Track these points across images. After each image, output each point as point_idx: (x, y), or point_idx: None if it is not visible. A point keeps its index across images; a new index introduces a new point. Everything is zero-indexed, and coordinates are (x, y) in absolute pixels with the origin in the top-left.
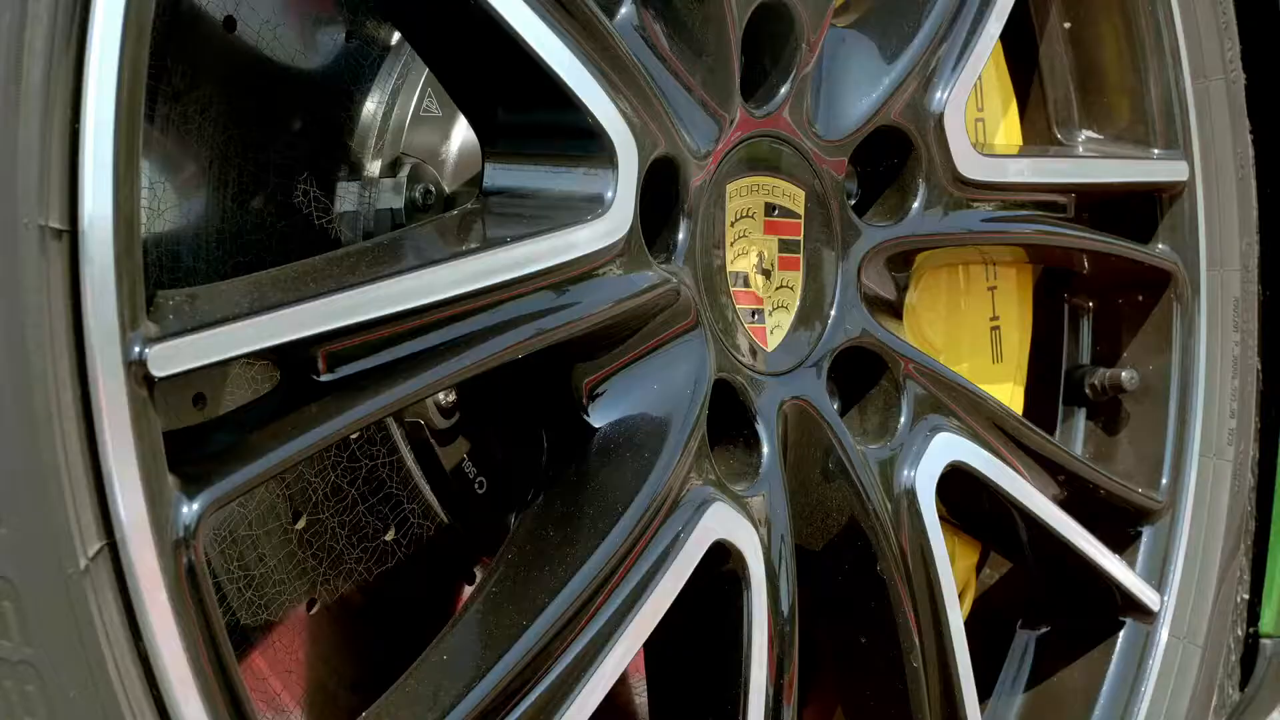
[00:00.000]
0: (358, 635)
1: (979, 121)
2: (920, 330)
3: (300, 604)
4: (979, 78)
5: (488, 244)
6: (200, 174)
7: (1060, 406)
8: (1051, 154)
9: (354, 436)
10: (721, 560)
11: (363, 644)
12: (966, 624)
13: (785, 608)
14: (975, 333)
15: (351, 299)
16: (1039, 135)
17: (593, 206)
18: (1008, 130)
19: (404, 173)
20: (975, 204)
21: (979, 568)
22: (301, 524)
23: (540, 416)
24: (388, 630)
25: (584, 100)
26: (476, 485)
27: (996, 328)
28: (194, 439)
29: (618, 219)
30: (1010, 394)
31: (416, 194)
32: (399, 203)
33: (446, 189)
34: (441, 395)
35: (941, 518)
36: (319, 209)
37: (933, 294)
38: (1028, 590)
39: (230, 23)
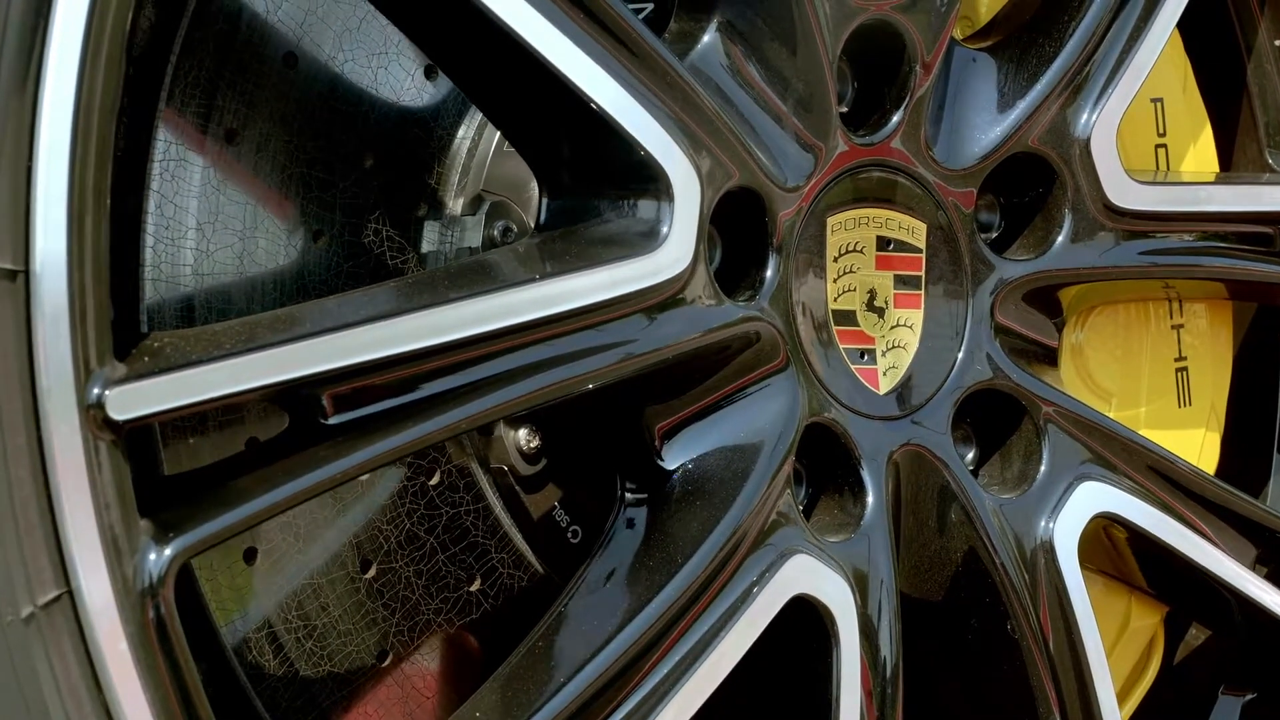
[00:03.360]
0: (440, 689)
1: (1160, 148)
2: (1088, 373)
3: (370, 656)
4: (1160, 101)
5: (513, 281)
6: (256, 214)
7: (1275, 456)
8: (1254, 181)
9: (433, 483)
10: (805, 615)
11: (447, 698)
12: (1159, 683)
13: (887, 667)
14: (1156, 375)
15: (344, 340)
16: (1251, 162)
17: (646, 241)
18: (1199, 156)
19: (484, 210)
20: (1143, 235)
21: (1183, 627)
22: (372, 573)
23: (614, 461)
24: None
25: (632, 133)
26: (570, 535)
27: (1183, 369)
28: (172, 484)
29: (674, 254)
30: (1201, 441)
31: (495, 232)
32: (477, 240)
33: (531, 225)
34: (524, 441)
35: (1114, 577)
36: (392, 248)
37: (1104, 334)
38: (1229, 653)
39: (290, 59)
